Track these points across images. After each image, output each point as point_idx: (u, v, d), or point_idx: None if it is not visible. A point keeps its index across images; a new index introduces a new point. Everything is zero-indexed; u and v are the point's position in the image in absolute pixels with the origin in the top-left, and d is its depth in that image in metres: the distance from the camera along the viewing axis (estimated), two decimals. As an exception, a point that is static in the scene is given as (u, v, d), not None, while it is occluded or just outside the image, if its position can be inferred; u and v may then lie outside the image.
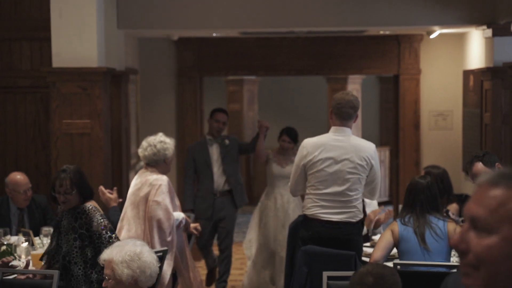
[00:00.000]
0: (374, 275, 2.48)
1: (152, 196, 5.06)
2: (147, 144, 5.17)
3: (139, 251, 3.14)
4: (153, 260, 3.16)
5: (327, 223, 4.32)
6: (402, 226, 4.15)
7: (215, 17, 6.81)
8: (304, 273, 4.16)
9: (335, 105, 4.39)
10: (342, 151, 4.35)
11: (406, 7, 6.77)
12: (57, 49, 5.77)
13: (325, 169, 4.33)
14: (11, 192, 5.36)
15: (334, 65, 8.32)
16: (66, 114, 5.79)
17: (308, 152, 4.36)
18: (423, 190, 4.18)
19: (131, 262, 3.11)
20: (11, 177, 5.42)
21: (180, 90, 8.24)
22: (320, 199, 4.35)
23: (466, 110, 7.77)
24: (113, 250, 3.18)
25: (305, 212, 4.43)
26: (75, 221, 4.23)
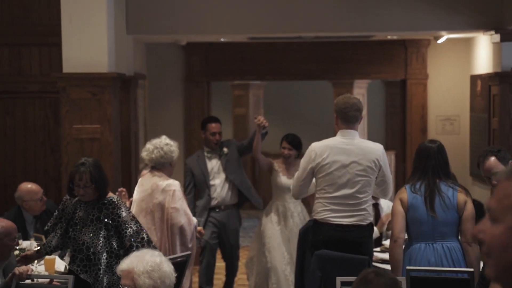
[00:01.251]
0: (375, 272, 2.61)
1: (169, 203, 5.07)
2: (153, 147, 5.17)
3: (159, 261, 3.14)
4: (171, 270, 3.18)
5: (337, 226, 4.34)
6: (412, 194, 4.19)
7: (224, 23, 6.83)
8: (318, 278, 4.17)
9: (340, 110, 4.42)
10: (350, 154, 4.37)
11: (414, 13, 6.80)
12: (68, 55, 5.80)
13: (334, 172, 4.35)
14: (27, 202, 5.40)
15: (341, 69, 8.34)
16: (76, 119, 5.82)
17: (317, 155, 4.38)
18: (434, 155, 4.21)
19: (152, 273, 3.10)
20: (23, 189, 5.45)
21: (187, 95, 8.27)
22: (330, 202, 4.37)
23: (473, 115, 7.78)
24: (132, 260, 3.15)
25: (315, 217, 4.45)
26: (99, 211, 4.29)
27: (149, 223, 5.08)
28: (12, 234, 4.12)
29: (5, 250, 4.11)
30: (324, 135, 13.53)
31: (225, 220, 6.26)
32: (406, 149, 8.28)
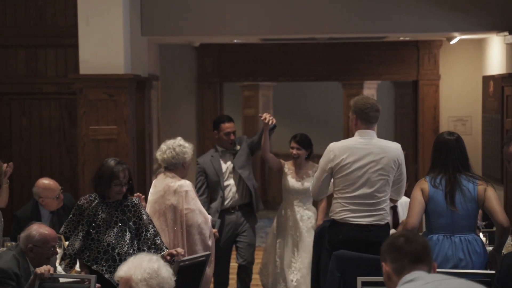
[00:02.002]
0: (405, 236, 2.55)
1: (183, 204, 5.09)
2: (166, 147, 5.21)
3: (157, 267, 3.01)
4: (170, 275, 3.05)
5: (357, 226, 4.37)
6: (433, 188, 4.21)
7: (237, 24, 6.87)
8: (337, 278, 4.20)
9: (360, 110, 4.44)
10: (370, 153, 4.40)
11: (427, 14, 6.82)
12: (84, 56, 5.84)
13: (354, 172, 4.38)
14: (44, 199, 5.42)
15: (353, 70, 8.37)
16: (93, 120, 5.86)
17: (336, 155, 4.41)
18: (454, 149, 4.23)
19: (150, 280, 2.97)
20: (41, 185, 5.43)
21: (200, 96, 8.31)
22: (349, 202, 4.40)
23: (486, 115, 7.80)
24: (130, 267, 3.01)
25: (334, 217, 4.47)
26: (123, 213, 4.35)
27: (162, 225, 5.11)
28: (49, 243, 4.11)
29: (42, 258, 4.11)
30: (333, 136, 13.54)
31: (241, 221, 6.02)
32: (418, 150, 8.30)
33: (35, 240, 4.10)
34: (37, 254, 4.10)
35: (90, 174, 5.81)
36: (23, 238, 4.14)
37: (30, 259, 4.12)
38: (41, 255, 4.11)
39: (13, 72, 6.76)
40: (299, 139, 5.89)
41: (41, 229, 4.15)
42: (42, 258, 4.12)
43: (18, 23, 6.73)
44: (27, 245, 4.12)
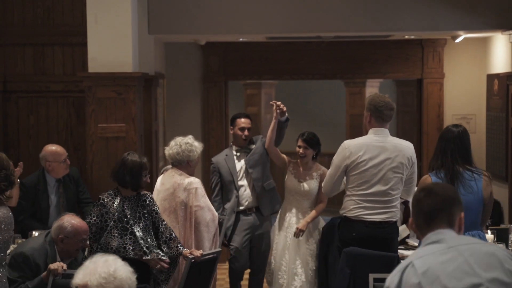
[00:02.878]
0: (427, 190, 2.48)
1: (192, 201, 5.14)
2: (174, 143, 5.30)
3: (113, 270, 2.87)
4: (129, 274, 2.92)
5: (370, 223, 4.42)
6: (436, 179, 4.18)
7: (243, 22, 6.91)
8: (347, 275, 4.24)
9: (375, 108, 4.49)
10: (385, 151, 4.45)
11: (432, 12, 6.86)
12: (93, 55, 5.87)
13: (370, 170, 4.42)
14: (51, 164, 5.55)
15: (357, 69, 8.40)
16: (101, 118, 5.89)
17: (352, 153, 4.45)
18: (454, 139, 4.22)
19: (107, 284, 2.85)
20: (49, 150, 5.63)
21: (205, 94, 8.35)
22: (363, 200, 4.44)
23: (490, 114, 7.84)
24: (85, 273, 2.89)
25: (347, 214, 4.51)
26: (143, 208, 4.51)
27: (173, 222, 5.15)
28: (80, 235, 4.16)
29: (71, 249, 4.17)
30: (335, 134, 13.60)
31: (257, 224, 5.80)
32: (422, 148, 8.34)
33: (67, 231, 4.14)
34: (67, 245, 4.14)
35: (98, 171, 5.88)
36: (54, 228, 4.18)
37: (59, 249, 4.17)
38: (71, 246, 4.15)
39: (21, 70, 6.80)
40: (307, 137, 5.55)
41: (73, 221, 4.19)
42: (72, 249, 4.17)
43: (26, 22, 6.76)
44: (58, 235, 4.16)
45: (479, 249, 2.30)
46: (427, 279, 2.21)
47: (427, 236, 2.37)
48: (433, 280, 2.20)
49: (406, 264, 2.30)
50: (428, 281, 2.20)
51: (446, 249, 2.29)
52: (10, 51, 6.77)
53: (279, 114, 5.52)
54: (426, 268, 2.23)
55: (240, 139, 5.84)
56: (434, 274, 2.21)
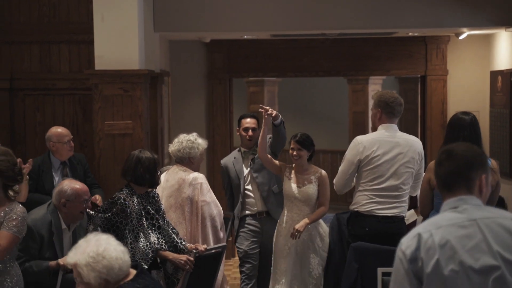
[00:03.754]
0: (448, 152, 2.39)
1: (198, 196, 5.18)
2: (176, 140, 5.36)
3: (102, 250, 2.90)
4: (120, 253, 2.93)
5: (383, 218, 4.46)
6: None
7: (248, 20, 6.95)
8: (355, 269, 4.28)
9: (386, 104, 4.53)
10: (397, 146, 4.51)
11: (436, 9, 6.90)
12: (100, 52, 5.90)
13: (383, 164, 4.47)
14: (55, 144, 5.64)
15: (361, 66, 8.44)
16: (108, 116, 5.93)
17: (365, 148, 4.50)
18: (468, 126, 4.22)
19: (95, 264, 2.88)
20: (53, 131, 5.72)
21: (210, 91, 8.38)
22: (376, 195, 4.49)
23: (493, 110, 7.87)
24: (76, 252, 2.94)
25: (359, 209, 4.54)
26: (153, 204, 4.54)
27: (180, 218, 5.18)
28: (81, 197, 4.23)
29: (76, 211, 4.22)
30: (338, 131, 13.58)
31: (267, 228, 5.59)
32: (426, 145, 8.37)
33: (68, 194, 4.19)
34: (70, 208, 4.19)
35: (105, 168, 5.92)
36: (55, 194, 4.23)
37: (63, 215, 4.21)
38: (74, 209, 4.20)
39: (27, 68, 6.83)
40: (300, 139, 5.20)
41: (73, 184, 4.26)
42: (76, 212, 4.21)
43: (32, 20, 6.80)
44: (60, 200, 4.20)
45: (500, 224, 2.25)
46: (444, 253, 2.20)
47: (448, 201, 2.33)
48: (450, 255, 2.19)
49: (424, 231, 2.26)
50: (445, 255, 2.19)
51: (466, 221, 2.26)
52: (16, 49, 6.81)
53: (270, 118, 5.20)
54: (444, 241, 2.21)
55: (245, 140, 5.71)
56: (452, 248, 2.20)
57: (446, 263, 2.18)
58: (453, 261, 2.19)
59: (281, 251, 5.22)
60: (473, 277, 2.17)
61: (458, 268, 2.18)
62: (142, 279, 3.00)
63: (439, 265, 2.18)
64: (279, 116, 5.28)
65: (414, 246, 2.23)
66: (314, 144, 5.27)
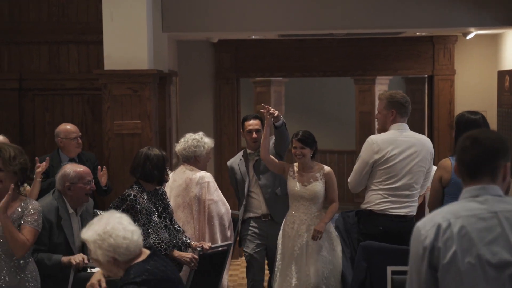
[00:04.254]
0: (473, 138, 2.32)
1: (206, 195, 5.20)
2: (182, 139, 5.39)
3: (110, 228, 2.96)
4: (128, 233, 2.97)
5: (395, 217, 4.49)
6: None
7: (256, 20, 6.97)
8: (364, 268, 4.30)
9: (401, 104, 4.58)
10: (411, 145, 4.55)
11: (443, 9, 6.91)
12: (109, 52, 5.93)
13: (398, 164, 4.51)
14: (62, 140, 5.74)
15: (369, 66, 8.45)
16: (117, 115, 5.95)
17: (380, 148, 4.53)
18: (479, 125, 4.22)
19: (101, 242, 2.96)
20: (61, 127, 5.81)
21: (217, 91, 8.41)
22: (390, 194, 4.52)
23: (501, 110, 7.88)
24: (88, 228, 3.03)
25: (372, 208, 4.57)
26: (162, 201, 4.57)
27: (188, 217, 5.21)
28: (85, 178, 4.28)
29: (81, 193, 4.27)
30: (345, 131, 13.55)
31: (272, 231, 5.46)
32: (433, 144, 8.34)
33: (71, 177, 4.23)
34: (75, 191, 4.23)
35: (115, 168, 5.94)
36: (59, 179, 4.27)
37: (68, 198, 4.24)
38: (79, 191, 4.23)
39: (36, 68, 6.88)
40: (302, 137, 5.11)
41: (75, 167, 4.34)
42: (81, 194, 4.25)
43: (41, 20, 6.84)
44: (64, 184, 4.24)
45: None
46: (462, 244, 2.18)
47: (469, 189, 2.29)
48: (468, 248, 2.18)
49: (442, 220, 2.23)
50: (463, 247, 2.18)
51: (486, 213, 2.23)
52: (25, 49, 6.86)
53: (272, 119, 5.11)
54: (463, 232, 2.19)
55: (250, 142, 5.62)
56: (470, 241, 2.18)
57: (463, 255, 2.17)
58: (470, 254, 2.17)
59: (290, 253, 5.07)
60: (489, 271, 2.16)
61: (475, 261, 2.17)
62: (154, 261, 3.04)
63: (456, 256, 2.17)
64: (281, 117, 5.20)
65: (433, 236, 2.21)
66: (316, 140, 5.18)
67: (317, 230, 4.95)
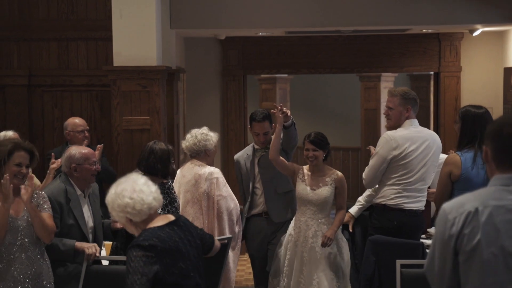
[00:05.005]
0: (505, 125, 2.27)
1: (215, 191, 5.23)
2: (189, 136, 5.38)
3: (120, 190, 3.07)
4: (135, 193, 3.06)
5: (409, 212, 4.55)
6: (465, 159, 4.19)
7: (263, 17, 7.01)
8: (372, 262, 4.34)
9: (414, 101, 4.65)
10: (426, 140, 4.63)
11: (450, 6, 6.94)
12: (118, 49, 5.98)
13: (414, 160, 4.58)
14: (69, 133, 5.85)
15: (375, 63, 8.48)
16: (126, 111, 6.01)
17: (399, 144, 4.58)
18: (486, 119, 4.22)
19: (112, 203, 3.09)
20: (70, 120, 5.94)
21: (224, 88, 8.45)
22: (404, 189, 4.58)
23: (507, 107, 7.90)
24: (110, 193, 3.15)
25: (386, 203, 4.61)
26: (169, 195, 4.60)
27: (197, 213, 5.24)
28: (90, 159, 4.32)
29: (87, 174, 4.31)
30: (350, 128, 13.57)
31: (272, 230, 5.41)
32: (439, 141, 8.41)
33: (76, 158, 4.28)
34: (81, 172, 4.27)
35: (124, 163, 6.00)
36: (64, 161, 4.33)
37: (75, 180, 4.29)
38: (85, 172, 4.28)
39: (46, 65, 6.93)
40: (314, 139, 4.93)
41: (80, 149, 4.40)
42: (87, 175, 4.30)
43: (51, 17, 6.90)
44: (70, 166, 4.29)
45: None
46: (487, 234, 2.18)
47: (500, 176, 2.27)
48: (493, 238, 2.17)
49: (471, 207, 2.22)
50: (488, 237, 2.18)
51: None
52: (35, 46, 6.91)
53: (282, 118, 4.97)
54: (490, 222, 2.19)
55: (257, 142, 5.49)
56: (496, 231, 2.18)
57: (487, 244, 2.18)
58: (494, 244, 2.18)
59: (300, 259, 4.91)
60: (511, 263, 2.17)
61: (498, 252, 2.17)
62: (171, 229, 3.07)
63: (479, 245, 2.18)
64: (291, 117, 5.07)
65: (461, 224, 2.21)
66: (329, 142, 5.02)
67: (327, 237, 4.80)
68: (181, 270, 3.07)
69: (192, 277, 3.13)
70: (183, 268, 3.08)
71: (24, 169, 3.80)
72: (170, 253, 3.03)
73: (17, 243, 3.75)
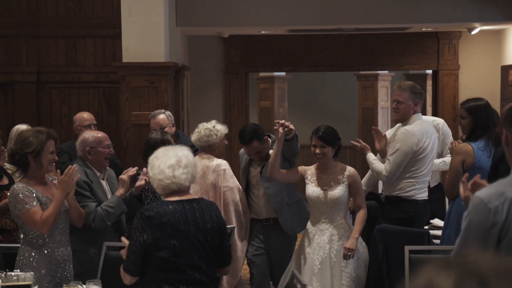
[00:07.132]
0: None
1: (222, 182, 5.35)
2: (196, 130, 5.49)
3: (152, 157, 3.23)
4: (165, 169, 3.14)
5: (420, 202, 4.72)
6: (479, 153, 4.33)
7: (266, 16, 7.15)
8: (380, 250, 4.47)
9: (421, 94, 4.83)
10: (433, 132, 4.87)
11: (449, 5, 7.10)
12: (127, 45, 6.11)
13: (429, 153, 4.77)
14: (77, 127, 5.91)
15: (374, 61, 8.63)
16: (135, 107, 6.14)
17: (419, 139, 4.74)
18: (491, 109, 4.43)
19: (147, 169, 3.32)
20: (78, 115, 6.02)
21: (227, 85, 8.58)
22: (417, 181, 4.78)
23: (504, 104, 8.05)
24: (152, 162, 3.27)
25: (402, 195, 4.77)
26: None
27: (205, 203, 5.35)
28: (103, 142, 4.43)
29: (101, 157, 4.42)
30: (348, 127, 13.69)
31: (273, 236, 5.21)
32: (438, 138, 8.57)
33: (90, 141, 4.39)
34: (95, 155, 4.39)
35: (132, 157, 6.12)
36: (79, 145, 4.44)
37: (90, 163, 4.40)
38: (99, 155, 4.39)
39: (54, 62, 7.05)
40: (323, 134, 4.47)
41: (93, 133, 4.52)
42: (101, 158, 4.41)
43: (59, 14, 7.01)
44: (85, 149, 4.38)
45: None
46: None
47: None
48: None
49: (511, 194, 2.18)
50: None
51: None
52: (43, 43, 7.02)
53: (284, 133, 4.55)
54: None
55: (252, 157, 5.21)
56: None
57: None
58: None
59: (310, 268, 4.46)
60: None
61: None
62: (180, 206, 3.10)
63: None
64: (293, 130, 4.63)
65: (506, 212, 2.18)
66: (339, 137, 4.54)
67: (348, 248, 4.36)
68: (174, 248, 3.07)
69: (188, 257, 3.10)
70: (177, 246, 3.07)
71: (56, 156, 3.94)
72: (164, 228, 3.06)
73: (59, 227, 3.89)
